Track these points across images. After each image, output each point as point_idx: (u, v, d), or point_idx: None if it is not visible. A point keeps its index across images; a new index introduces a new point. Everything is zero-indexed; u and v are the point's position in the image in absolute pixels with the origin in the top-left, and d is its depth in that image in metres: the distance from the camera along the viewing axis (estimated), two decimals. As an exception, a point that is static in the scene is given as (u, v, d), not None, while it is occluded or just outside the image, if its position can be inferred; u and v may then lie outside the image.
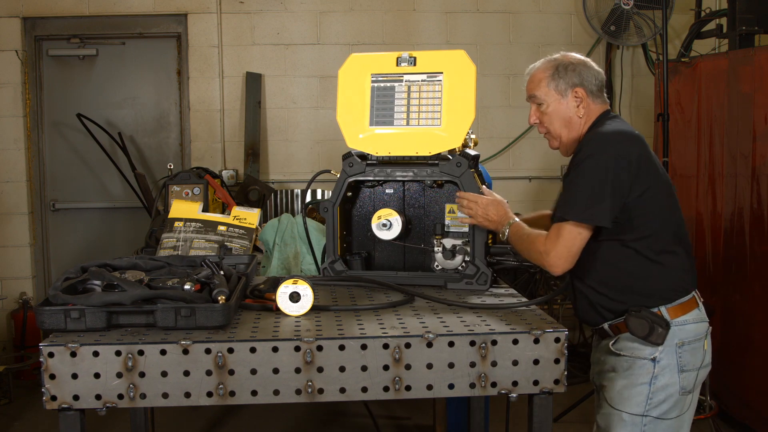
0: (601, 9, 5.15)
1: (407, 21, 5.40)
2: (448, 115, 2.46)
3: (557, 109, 2.31)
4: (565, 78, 2.29)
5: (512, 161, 5.53)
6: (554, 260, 2.15)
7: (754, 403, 3.83)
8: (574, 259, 2.17)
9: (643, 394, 2.17)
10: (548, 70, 2.31)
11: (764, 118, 3.75)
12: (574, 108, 2.30)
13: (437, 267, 2.49)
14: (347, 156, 2.52)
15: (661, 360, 2.17)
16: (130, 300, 1.91)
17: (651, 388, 2.17)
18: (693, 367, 2.21)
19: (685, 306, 2.21)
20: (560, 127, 2.33)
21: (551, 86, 2.30)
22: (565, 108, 2.30)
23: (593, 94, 2.31)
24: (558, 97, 2.30)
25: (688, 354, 2.19)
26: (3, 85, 5.23)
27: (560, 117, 2.32)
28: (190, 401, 1.84)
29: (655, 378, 2.17)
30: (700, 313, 2.25)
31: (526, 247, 2.23)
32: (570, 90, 2.29)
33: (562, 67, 2.30)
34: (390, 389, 1.88)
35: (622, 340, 2.22)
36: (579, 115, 2.30)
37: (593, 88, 2.30)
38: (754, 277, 3.83)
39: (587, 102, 2.30)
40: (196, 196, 3.37)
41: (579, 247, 2.16)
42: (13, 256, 5.32)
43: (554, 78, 2.30)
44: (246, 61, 5.36)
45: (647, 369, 2.17)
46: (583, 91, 2.29)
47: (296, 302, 2.10)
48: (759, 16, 4.05)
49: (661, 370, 2.17)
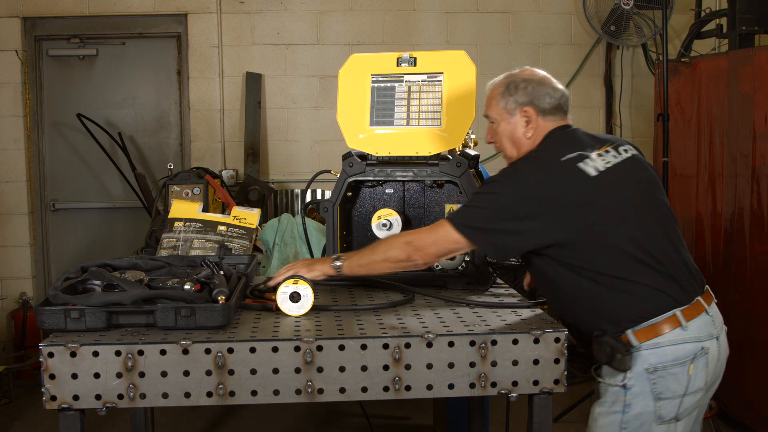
0: (601, 9, 5.15)
1: (407, 21, 5.40)
2: (448, 115, 2.46)
3: (506, 128, 2.22)
4: (515, 96, 2.19)
5: (512, 161, 5.53)
6: (421, 245, 2.10)
7: (754, 403, 3.83)
8: (439, 256, 2.12)
9: (615, 423, 2.04)
10: (500, 87, 2.23)
11: (764, 118, 3.75)
12: (522, 128, 2.20)
13: (437, 267, 2.49)
14: (347, 156, 2.52)
15: (633, 387, 2.01)
16: (130, 300, 1.91)
17: (623, 417, 2.03)
18: (674, 395, 2.01)
19: (658, 327, 2.01)
20: (510, 148, 2.24)
21: (501, 105, 2.21)
22: (513, 128, 2.21)
23: (545, 113, 2.19)
24: (507, 117, 2.21)
25: (665, 380, 2.00)
26: (3, 85, 5.23)
27: (509, 137, 2.23)
28: (190, 401, 1.84)
29: (627, 406, 2.02)
30: (684, 333, 2.01)
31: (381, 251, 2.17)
32: (518, 109, 2.19)
33: (513, 85, 2.20)
34: (390, 389, 1.88)
35: (599, 364, 2.11)
36: (527, 136, 2.20)
37: (545, 106, 2.18)
38: (754, 277, 3.83)
39: (536, 122, 2.18)
40: (196, 196, 3.37)
41: (448, 251, 2.11)
42: (13, 256, 5.32)
43: (504, 96, 2.21)
44: (246, 61, 5.36)
45: (619, 396, 2.03)
46: (533, 111, 2.18)
47: (296, 302, 2.10)
48: (759, 16, 4.05)
49: (633, 397, 2.02)
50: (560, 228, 2.00)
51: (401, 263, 2.15)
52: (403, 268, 2.17)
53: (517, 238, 2.03)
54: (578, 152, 2.07)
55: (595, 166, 2.05)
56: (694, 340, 2.02)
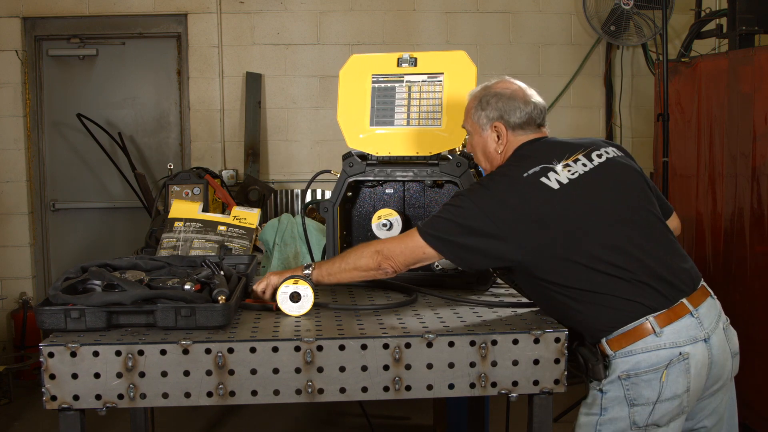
0: (601, 9, 5.15)
1: (407, 21, 5.41)
2: (448, 115, 2.47)
3: (478, 142, 2.24)
4: (486, 111, 2.20)
5: (512, 161, 5.53)
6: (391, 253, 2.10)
7: (754, 403, 3.83)
8: (408, 264, 2.11)
9: (592, 424, 2.06)
10: (474, 101, 2.24)
11: (764, 118, 3.75)
12: (493, 142, 2.20)
13: (437, 267, 2.49)
14: (347, 156, 2.52)
15: (608, 392, 2.02)
16: (130, 300, 1.91)
17: (599, 419, 2.04)
18: (647, 401, 1.98)
19: (631, 335, 1.98)
20: (483, 161, 2.26)
21: (474, 118, 2.23)
22: (485, 142, 2.22)
23: (515, 127, 2.18)
24: (479, 130, 2.22)
25: (638, 387, 1.98)
26: (3, 85, 5.23)
27: (481, 150, 2.24)
28: (190, 401, 1.84)
29: (604, 410, 2.04)
30: (658, 340, 1.97)
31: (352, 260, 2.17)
32: (489, 124, 2.20)
33: (485, 99, 2.20)
34: (390, 389, 1.88)
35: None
36: (498, 151, 2.20)
37: (516, 120, 2.17)
38: (754, 277, 3.83)
39: (506, 137, 2.18)
40: (196, 196, 3.37)
41: (417, 260, 2.10)
42: (13, 256, 5.32)
43: (477, 110, 2.22)
44: (246, 61, 5.36)
45: (597, 399, 2.05)
46: (502, 126, 2.18)
47: (296, 302, 2.10)
48: (759, 16, 4.05)
49: (609, 402, 2.02)
50: (519, 250, 1.99)
51: (371, 272, 2.15)
52: (372, 277, 2.17)
53: (479, 255, 2.02)
54: (542, 165, 2.06)
55: (558, 179, 2.03)
56: (671, 346, 1.97)
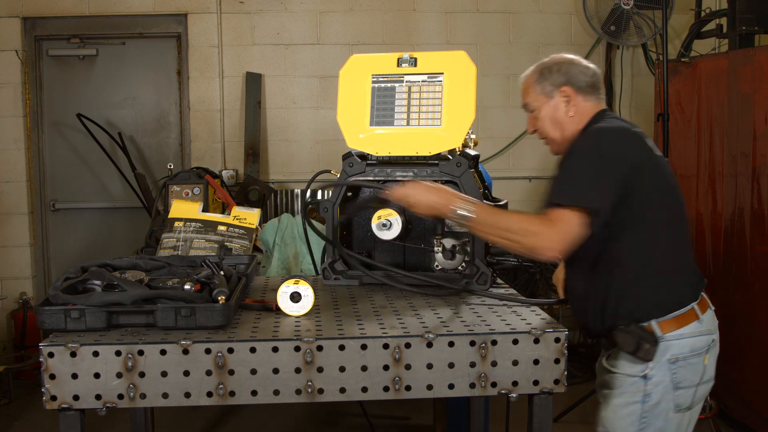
0: (601, 9, 5.15)
1: (407, 21, 5.41)
2: (448, 115, 2.46)
3: (546, 111, 2.24)
4: (550, 79, 2.23)
5: (512, 161, 5.53)
6: (548, 242, 1.98)
7: (754, 403, 3.83)
8: (569, 246, 2.00)
9: (635, 413, 2.08)
10: (534, 75, 2.26)
11: (764, 118, 3.75)
12: (563, 108, 2.22)
13: (437, 267, 2.49)
14: (347, 156, 2.52)
15: (653, 377, 2.06)
16: (130, 300, 1.91)
17: (643, 407, 2.07)
18: (690, 384, 2.09)
19: (681, 319, 2.08)
20: (552, 130, 2.25)
21: (538, 90, 2.24)
22: (554, 109, 2.23)
23: (583, 91, 2.23)
24: (546, 100, 2.24)
25: (684, 370, 2.07)
26: (3, 85, 5.23)
27: (550, 119, 2.24)
28: (190, 401, 1.84)
29: (647, 396, 2.07)
30: (701, 326, 2.10)
31: (507, 227, 2.04)
32: (556, 90, 2.22)
33: (546, 69, 2.24)
34: (390, 389, 1.88)
35: (615, 355, 2.14)
36: (569, 115, 2.22)
37: (582, 84, 2.23)
38: (754, 277, 3.83)
39: (576, 100, 2.22)
40: (196, 196, 3.37)
41: (575, 235, 1.99)
42: (13, 256, 5.32)
43: (540, 81, 2.24)
44: (246, 61, 5.36)
45: (638, 387, 2.07)
46: (571, 89, 2.21)
47: (297, 302, 2.10)
48: (759, 16, 4.05)
49: (653, 387, 2.07)
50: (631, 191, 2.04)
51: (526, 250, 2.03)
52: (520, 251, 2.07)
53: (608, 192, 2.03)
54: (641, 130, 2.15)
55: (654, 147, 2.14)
56: (707, 333, 2.12)
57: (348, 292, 2.42)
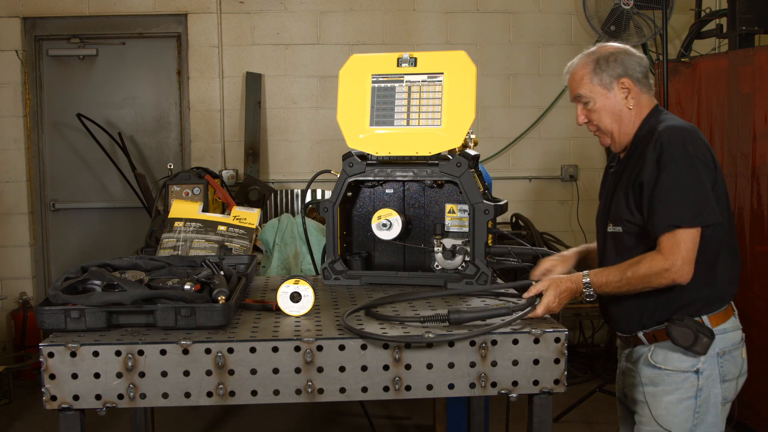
0: (601, 9, 5.15)
1: (407, 21, 5.40)
2: (448, 115, 2.46)
3: (605, 104, 2.19)
4: (608, 70, 2.16)
5: (512, 161, 5.53)
6: (682, 269, 2.00)
7: (754, 403, 3.83)
8: (694, 263, 2.03)
9: (690, 409, 2.10)
10: (588, 65, 2.19)
11: (764, 118, 3.75)
12: (622, 100, 2.18)
13: (437, 267, 2.49)
14: (347, 156, 2.52)
15: (704, 371, 2.09)
16: (130, 300, 1.91)
17: (697, 402, 2.09)
18: (733, 377, 2.15)
19: (725, 314, 2.15)
20: (611, 123, 2.20)
21: (594, 81, 2.18)
22: (613, 102, 2.18)
23: (640, 83, 2.19)
24: (604, 92, 2.18)
25: (728, 363, 2.13)
26: (3, 85, 5.23)
27: (609, 112, 2.19)
28: (190, 401, 1.84)
29: (700, 391, 2.09)
30: (736, 321, 2.18)
31: (635, 277, 2.05)
32: (615, 82, 2.17)
33: (603, 59, 2.17)
34: (390, 389, 1.88)
35: (660, 351, 2.15)
36: (629, 107, 2.18)
37: (639, 75, 2.18)
38: (754, 277, 3.83)
39: (635, 92, 2.18)
40: (196, 196, 3.37)
41: (696, 251, 2.03)
42: (13, 256, 5.32)
43: (596, 72, 2.17)
44: (246, 61, 5.36)
45: (691, 382, 2.09)
46: (630, 81, 2.17)
47: (297, 302, 2.10)
48: (759, 16, 4.05)
49: (705, 381, 2.10)
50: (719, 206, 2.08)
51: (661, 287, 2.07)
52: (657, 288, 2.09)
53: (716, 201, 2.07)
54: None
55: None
56: (739, 328, 2.21)
57: (348, 292, 2.42)
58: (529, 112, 5.51)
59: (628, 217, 2.15)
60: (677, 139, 2.05)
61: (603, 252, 2.30)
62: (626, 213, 2.15)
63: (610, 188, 2.28)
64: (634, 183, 2.13)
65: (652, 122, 2.16)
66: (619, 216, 2.17)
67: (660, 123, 2.13)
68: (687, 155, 2.04)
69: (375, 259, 2.66)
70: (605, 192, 2.33)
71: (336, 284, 2.53)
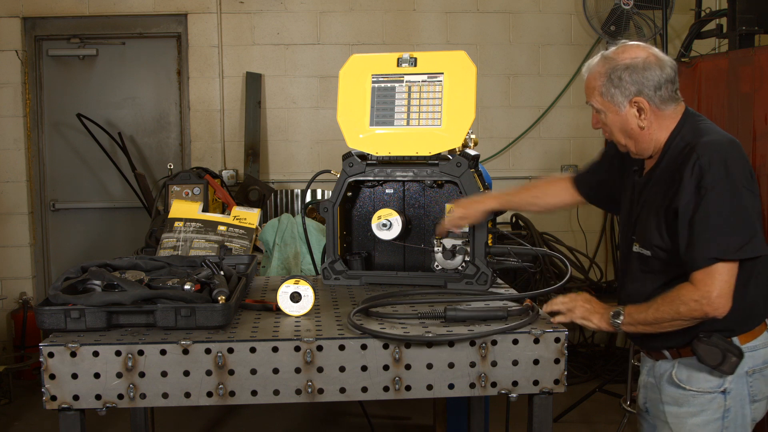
0: (601, 9, 5.15)
1: (407, 21, 5.40)
2: (448, 115, 2.46)
3: (615, 121, 2.05)
4: (621, 88, 2.00)
5: (512, 161, 5.53)
6: (718, 301, 1.87)
7: None
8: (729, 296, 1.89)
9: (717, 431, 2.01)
10: (601, 77, 2.03)
11: (764, 118, 3.75)
12: (634, 119, 2.02)
13: (437, 267, 2.49)
14: (347, 156, 2.52)
15: (732, 391, 1.99)
16: (130, 300, 1.91)
17: (723, 423, 2.00)
18: (763, 396, 2.04)
19: (758, 330, 2.02)
20: (623, 138, 2.07)
21: (606, 97, 2.03)
22: (624, 120, 2.03)
23: (658, 99, 2.00)
24: (614, 109, 2.03)
25: (758, 382, 2.02)
26: (3, 85, 5.23)
27: (619, 129, 2.06)
28: (190, 401, 1.84)
29: (727, 411, 1.99)
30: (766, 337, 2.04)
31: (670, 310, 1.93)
32: (626, 101, 2.01)
33: (616, 75, 2.00)
34: (390, 389, 1.88)
35: (685, 369, 2.04)
36: (641, 126, 2.02)
37: (657, 91, 2.00)
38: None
39: (651, 111, 2.01)
40: (196, 196, 3.37)
41: (733, 283, 1.89)
42: (13, 256, 5.32)
43: (607, 88, 2.02)
44: (246, 61, 5.36)
45: (718, 403, 1.99)
46: (644, 101, 2.00)
47: (297, 302, 2.10)
48: (759, 16, 4.05)
49: (732, 401, 1.99)
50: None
51: (696, 321, 1.95)
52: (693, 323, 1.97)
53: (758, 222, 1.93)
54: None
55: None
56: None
57: (348, 292, 2.42)
58: (529, 112, 5.51)
59: (658, 243, 2.01)
60: (718, 161, 1.90)
61: (626, 270, 2.18)
62: (656, 239, 2.01)
63: (635, 198, 2.15)
64: (668, 208, 1.97)
65: (686, 134, 2.01)
66: (647, 240, 2.04)
67: (697, 136, 1.97)
68: (729, 180, 1.88)
69: (375, 259, 2.66)
70: (627, 199, 2.20)
71: (336, 284, 2.53)
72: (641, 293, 2.07)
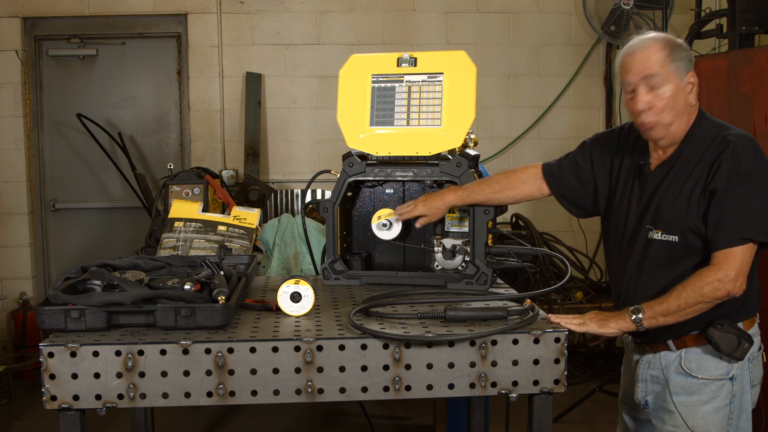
0: (601, 9, 5.15)
1: (407, 21, 5.40)
2: (448, 115, 2.46)
3: (675, 92, 2.02)
4: (682, 60, 2.02)
5: (512, 161, 5.53)
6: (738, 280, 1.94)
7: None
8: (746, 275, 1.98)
9: (726, 417, 2.06)
10: (665, 48, 2.01)
11: (764, 118, 3.75)
12: (688, 94, 2.04)
13: (437, 267, 2.49)
14: (347, 156, 2.52)
15: (737, 377, 2.05)
16: (130, 300, 1.91)
17: (731, 408, 2.06)
18: (758, 381, 2.13)
19: (753, 319, 2.12)
20: (673, 116, 2.04)
21: (672, 67, 2.00)
22: (683, 93, 2.04)
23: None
24: (677, 80, 2.01)
25: (756, 368, 2.11)
26: (3, 85, 5.23)
27: (677, 103, 2.03)
28: (190, 401, 1.84)
29: (734, 397, 2.06)
30: (757, 326, 2.15)
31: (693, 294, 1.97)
32: (687, 73, 2.03)
33: (677, 47, 2.02)
34: (390, 389, 1.88)
35: (693, 358, 2.08)
36: (692, 103, 2.05)
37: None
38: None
39: (696, 90, 2.06)
40: (196, 196, 3.37)
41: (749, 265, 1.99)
42: (13, 256, 5.32)
43: (674, 59, 2.00)
44: (246, 61, 5.36)
45: (727, 389, 2.05)
46: (695, 77, 2.05)
47: (297, 302, 2.10)
48: (759, 16, 4.05)
49: (738, 387, 2.06)
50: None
51: (717, 301, 1.99)
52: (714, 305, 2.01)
53: None
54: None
55: None
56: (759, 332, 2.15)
57: (348, 292, 2.42)
58: (529, 112, 5.51)
59: (693, 227, 2.02)
60: (752, 152, 1.98)
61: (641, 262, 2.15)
62: (691, 222, 2.01)
63: (645, 189, 2.14)
64: (702, 191, 2.00)
65: (707, 126, 2.06)
66: (677, 224, 2.04)
67: (723, 129, 2.05)
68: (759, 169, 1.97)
69: (375, 259, 2.66)
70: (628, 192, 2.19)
71: (336, 284, 2.53)
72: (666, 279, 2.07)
